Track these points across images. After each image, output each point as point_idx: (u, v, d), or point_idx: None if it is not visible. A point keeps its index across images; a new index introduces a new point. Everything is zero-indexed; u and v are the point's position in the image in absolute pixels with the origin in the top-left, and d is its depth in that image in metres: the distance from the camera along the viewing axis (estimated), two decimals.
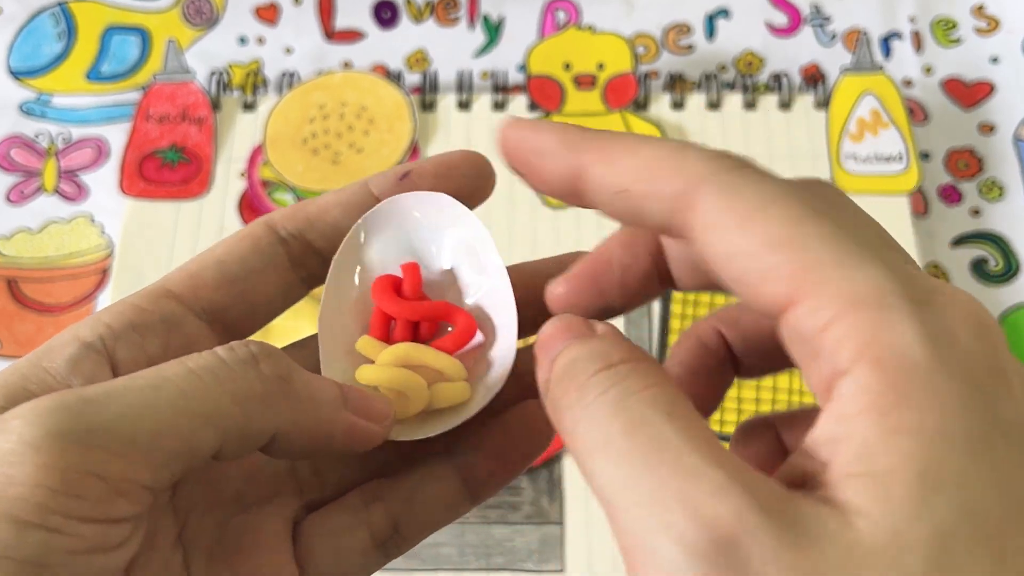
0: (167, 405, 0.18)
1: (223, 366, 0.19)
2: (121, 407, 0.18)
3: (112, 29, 0.58)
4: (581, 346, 0.18)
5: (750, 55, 0.57)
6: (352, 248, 0.24)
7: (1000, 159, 0.54)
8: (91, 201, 0.52)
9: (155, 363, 0.20)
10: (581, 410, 0.17)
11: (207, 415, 0.19)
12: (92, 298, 0.50)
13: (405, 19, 0.59)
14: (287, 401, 0.20)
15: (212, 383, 0.19)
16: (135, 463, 0.18)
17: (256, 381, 0.19)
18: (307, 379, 0.21)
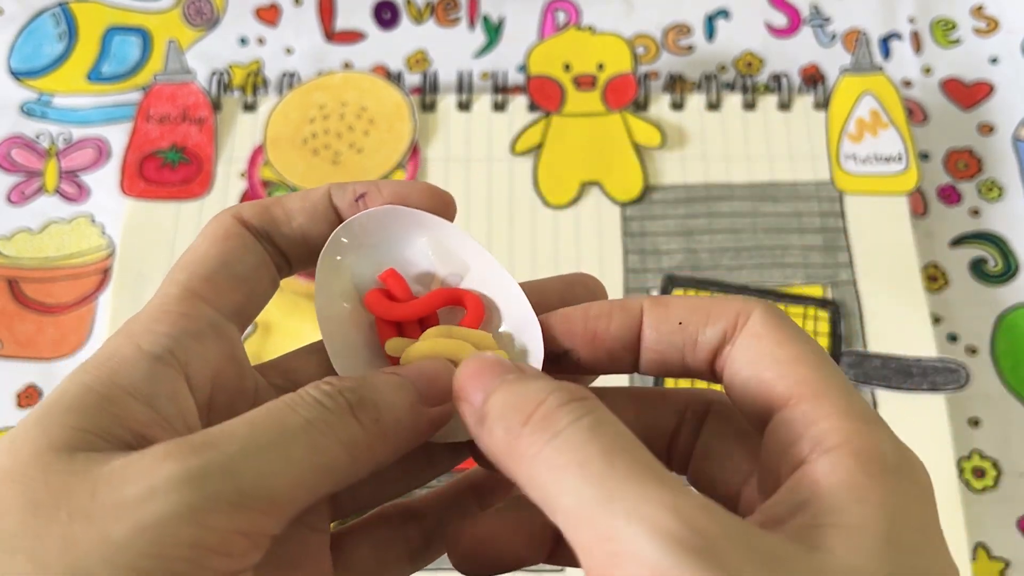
0: (298, 462, 0.19)
1: (332, 417, 0.20)
2: (261, 466, 0.19)
3: (113, 30, 0.58)
4: (536, 380, 0.20)
5: (750, 56, 0.58)
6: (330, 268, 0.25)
7: (999, 159, 0.54)
8: (92, 201, 0.52)
9: (217, 372, 0.21)
10: (550, 435, 0.19)
11: (328, 468, 0.20)
12: (93, 298, 0.50)
13: (405, 20, 0.59)
14: (384, 442, 0.21)
15: (329, 436, 0.20)
16: (274, 518, 0.19)
17: (359, 430, 0.20)
18: (390, 403, 0.21)
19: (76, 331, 0.49)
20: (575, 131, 0.52)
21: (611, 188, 0.51)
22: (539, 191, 0.51)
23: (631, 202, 0.51)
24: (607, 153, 0.52)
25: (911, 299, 0.48)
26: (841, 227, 0.50)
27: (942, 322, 0.49)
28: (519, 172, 0.52)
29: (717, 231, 0.50)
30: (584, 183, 0.51)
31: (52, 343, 0.49)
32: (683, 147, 0.53)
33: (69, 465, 0.18)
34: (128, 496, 0.17)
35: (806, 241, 0.50)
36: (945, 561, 0.19)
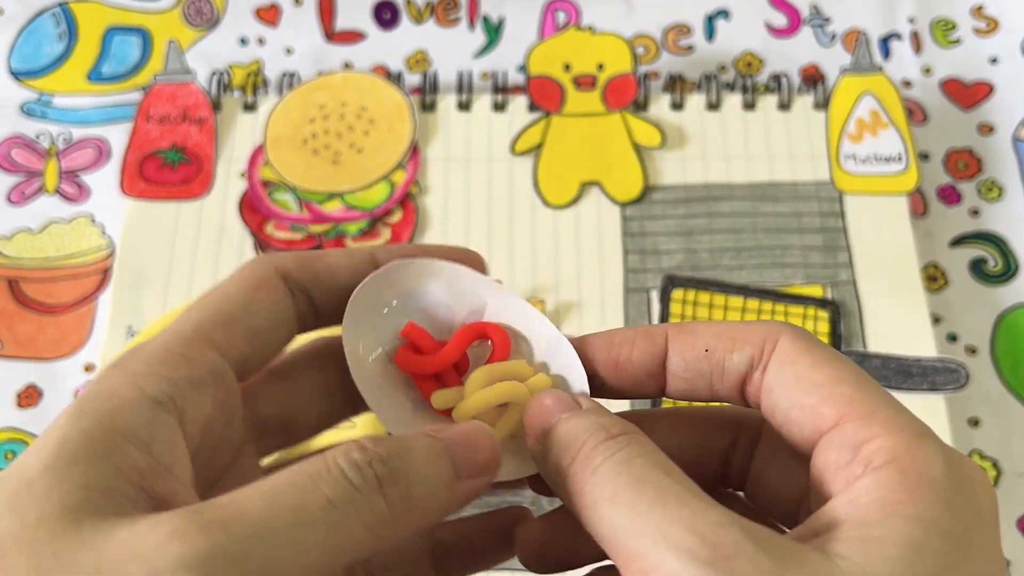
0: (313, 547, 0.18)
1: (357, 496, 0.19)
2: (272, 552, 0.18)
3: (113, 30, 0.58)
4: (580, 419, 0.22)
5: (750, 56, 0.58)
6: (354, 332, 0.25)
7: (999, 160, 0.54)
8: (92, 201, 0.52)
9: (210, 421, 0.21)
10: (590, 472, 0.21)
11: (346, 549, 0.19)
12: (93, 298, 0.50)
13: (405, 20, 0.59)
14: (410, 519, 0.20)
15: (352, 517, 0.19)
16: None
17: (384, 508, 0.20)
18: (424, 476, 0.21)
19: (76, 331, 0.49)
20: (575, 131, 0.53)
21: (611, 188, 0.51)
22: (539, 191, 0.51)
23: (631, 202, 0.51)
24: (607, 153, 0.52)
25: (911, 299, 0.48)
26: (841, 227, 0.50)
27: (942, 322, 0.49)
28: (519, 172, 0.52)
29: (717, 231, 0.50)
30: (584, 183, 0.51)
31: (52, 343, 0.49)
32: (683, 147, 0.53)
33: (76, 534, 0.18)
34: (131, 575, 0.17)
35: (806, 241, 0.50)
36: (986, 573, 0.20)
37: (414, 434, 0.21)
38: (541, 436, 0.23)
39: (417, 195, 0.51)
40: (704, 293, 0.49)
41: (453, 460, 0.21)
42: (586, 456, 0.21)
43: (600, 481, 0.20)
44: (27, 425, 0.47)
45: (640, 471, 0.20)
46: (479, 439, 0.22)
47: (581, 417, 0.22)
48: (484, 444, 0.22)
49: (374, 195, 0.51)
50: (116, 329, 0.47)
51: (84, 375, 0.48)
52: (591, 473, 0.21)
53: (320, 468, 0.19)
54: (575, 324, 0.47)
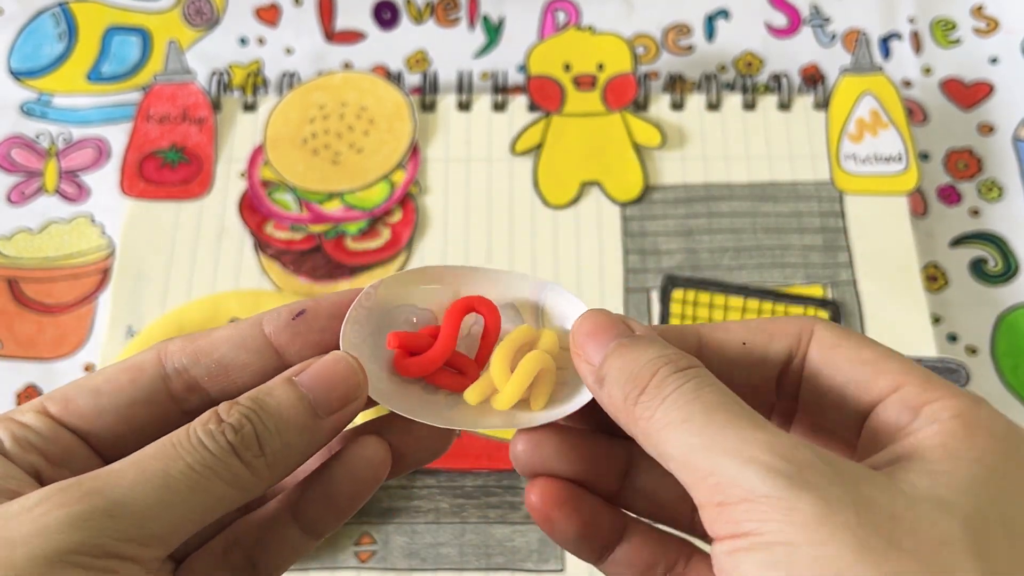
0: (179, 505, 0.22)
1: (214, 460, 0.22)
2: (142, 511, 0.21)
3: (113, 30, 0.58)
4: (643, 350, 0.23)
5: (750, 56, 0.58)
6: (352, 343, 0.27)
7: (999, 159, 0.54)
8: (92, 201, 0.52)
9: (37, 473, 0.23)
10: (659, 400, 0.22)
11: (212, 504, 0.22)
12: (93, 298, 0.50)
13: (405, 20, 0.59)
14: (272, 469, 0.23)
15: (212, 478, 0.22)
16: (158, 549, 0.21)
17: (241, 467, 0.23)
18: (276, 431, 0.23)
19: (76, 331, 0.49)
20: (575, 131, 0.52)
21: (611, 188, 0.51)
22: (539, 191, 0.51)
23: (631, 202, 0.51)
24: (607, 153, 0.52)
25: (911, 299, 0.48)
26: (841, 227, 0.50)
27: (942, 322, 0.49)
28: (519, 172, 0.52)
29: (717, 231, 0.50)
30: (584, 183, 0.51)
31: (52, 343, 0.49)
32: (683, 147, 0.53)
33: None
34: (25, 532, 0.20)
35: (806, 241, 0.50)
36: None
37: (270, 386, 0.24)
38: (599, 359, 0.24)
39: (417, 195, 0.51)
40: (704, 293, 0.49)
41: (311, 403, 0.24)
42: (656, 386, 0.23)
43: (671, 408, 0.22)
44: None
45: (710, 398, 0.22)
46: (335, 376, 0.24)
47: (644, 348, 0.24)
48: (340, 379, 0.24)
49: (374, 195, 0.51)
50: (116, 329, 0.47)
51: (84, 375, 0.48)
52: (661, 401, 0.22)
53: (182, 438, 0.22)
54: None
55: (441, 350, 0.27)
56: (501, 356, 0.27)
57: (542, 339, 0.27)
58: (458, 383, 0.28)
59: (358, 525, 0.44)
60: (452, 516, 0.44)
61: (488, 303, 0.28)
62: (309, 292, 0.48)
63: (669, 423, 0.22)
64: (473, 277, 0.28)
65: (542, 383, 0.27)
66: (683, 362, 0.23)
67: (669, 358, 0.23)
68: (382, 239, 0.50)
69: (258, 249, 0.50)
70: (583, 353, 0.24)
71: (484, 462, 0.45)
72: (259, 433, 0.23)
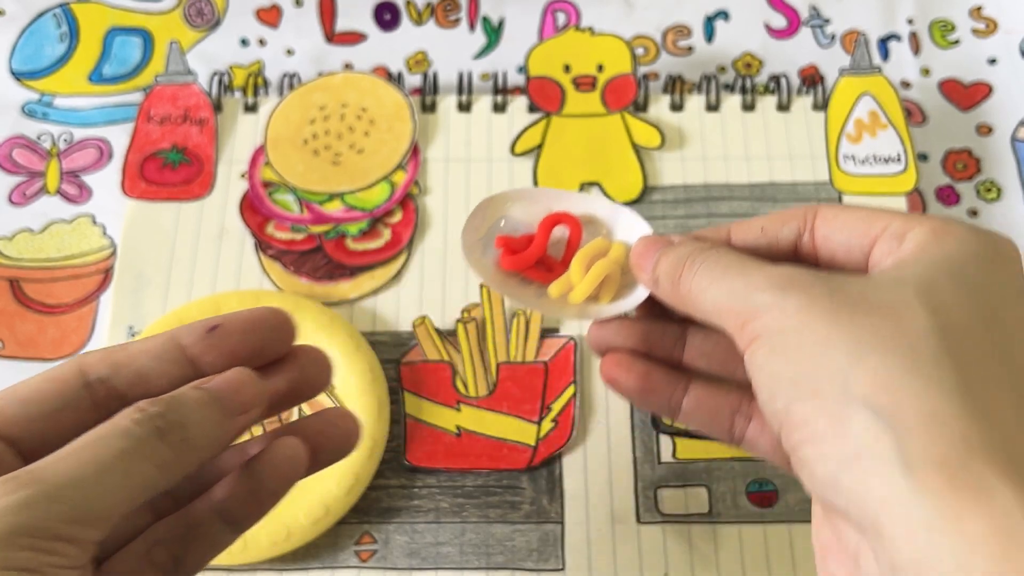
0: (113, 488, 0.24)
1: (142, 445, 0.25)
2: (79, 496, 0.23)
3: (114, 31, 0.58)
4: (679, 248, 0.31)
5: (749, 57, 0.58)
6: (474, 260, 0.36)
7: (998, 160, 0.54)
8: (93, 202, 0.52)
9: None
10: (692, 274, 0.30)
11: (142, 485, 0.24)
12: (94, 298, 0.50)
13: (405, 21, 0.59)
14: (192, 456, 0.26)
15: (141, 461, 0.24)
16: (95, 530, 0.23)
17: (168, 451, 0.25)
18: (197, 421, 0.26)
19: (77, 331, 0.49)
20: (575, 132, 0.53)
21: (611, 188, 0.51)
22: None
23: (631, 202, 0.51)
24: (607, 154, 0.52)
25: None
26: None
27: None
28: (519, 173, 0.52)
29: None
30: (584, 184, 0.51)
31: (53, 343, 0.49)
32: (682, 148, 0.53)
33: None
34: None
35: None
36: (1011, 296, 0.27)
37: (186, 388, 0.26)
38: (651, 267, 0.32)
39: (417, 195, 0.51)
40: None
41: (221, 404, 0.26)
42: (689, 267, 0.30)
43: (702, 276, 0.30)
44: None
45: (728, 260, 0.29)
46: (241, 384, 0.27)
47: (679, 247, 0.31)
48: (244, 387, 0.27)
49: (374, 195, 0.51)
50: (117, 329, 0.48)
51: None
52: (693, 274, 0.30)
53: (111, 428, 0.25)
54: (575, 324, 0.48)
55: (534, 251, 0.36)
56: (579, 261, 0.35)
57: (612, 250, 0.36)
58: (546, 278, 0.36)
59: (359, 525, 0.44)
60: (452, 515, 0.44)
61: (573, 218, 0.37)
62: (310, 292, 0.49)
63: (702, 287, 0.29)
64: (563, 197, 0.38)
65: (609, 284, 0.35)
66: (707, 246, 0.31)
67: (698, 247, 0.31)
68: (383, 239, 0.50)
69: (259, 249, 0.50)
70: (640, 264, 0.33)
71: (484, 462, 0.45)
72: (180, 420, 0.25)
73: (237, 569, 0.43)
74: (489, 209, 0.38)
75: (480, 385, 0.46)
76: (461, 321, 0.46)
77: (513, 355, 0.46)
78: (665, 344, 0.35)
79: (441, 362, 0.46)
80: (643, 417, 0.46)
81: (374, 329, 0.48)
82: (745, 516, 0.44)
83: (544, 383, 0.46)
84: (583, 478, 0.45)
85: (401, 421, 0.46)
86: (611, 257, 0.35)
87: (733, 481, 0.45)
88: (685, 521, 0.44)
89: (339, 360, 0.45)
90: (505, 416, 0.45)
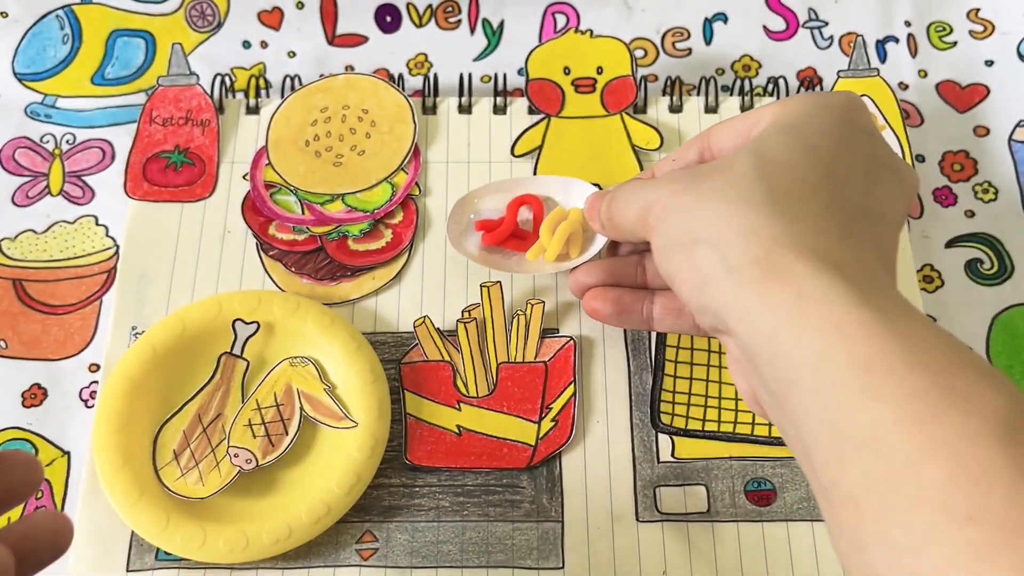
0: None
1: None
2: None
3: (117, 33, 0.58)
4: (608, 195, 0.41)
5: (747, 59, 0.58)
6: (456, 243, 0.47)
7: (994, 161, 0.54)
8: (96, 203, 0.53)
9: None
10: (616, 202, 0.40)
11: None
12: (97, 299, 0.50)
13: (406, 23, 0.59)
14: None
15: None
16: None
17: None
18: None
19: (80, 331, 0.50)
20: (574, 133, 0.53)
21: None
22: None
23: None
24: (606, 155, 0.52)
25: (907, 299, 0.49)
26: None
27: (938, 322, 0.50)
28: (519, 174, 0.52)
29: None
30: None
31: (57, 343, 0.49)
32: None
33: None
34: None
35: None
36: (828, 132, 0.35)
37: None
38: (598, 217, 0.42)
39: (418, 196, 0.52)
40: None
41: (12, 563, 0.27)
42: (611, 199, 0.41)
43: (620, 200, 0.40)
44: (32, 424, 0.47)
45: (637, 184, 0.39)
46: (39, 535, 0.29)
47: (607, 191, 0.42)
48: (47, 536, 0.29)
49: (376, 197, 0.51)
50: (120, 329, 0.48)
51: (89, 375, 0.48)
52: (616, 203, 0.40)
53: None
54: (574, 324, 0.48)
55: (508, 226, 0.47)
56: (545, 228, 0.46)
57: (571, 213, 0.46)
58: (523, 247, 0.47)
59: (360, 523, 0.44)
60: (453, 514, 0.44)
61: (534, 198, 0.48)
62: (311, 292, 0.49)
63: (622, 211, 0.39)
64: (522, 183, 0.49)
65: (574, 241, 0.46)
66: (625, 183, 0.41)
67: (617, 185, 0.41)
68: (384, 240, 0.50)
69: (261, 250, 0.50)
70: (590, 216, 0.43)
71: (485, 461, 0.45)
72: None
73: (239, 567, 0.43)
74: (464, 206, 0.48)
75: (480, 385, 0.46)
76: (461, 321, 0.47)
77: (513, 355, 0.47)
78: (628, 273, 0.44)
79: (442, 362, 0.47)
80: (642, 416, 0.46)
81: (375, 329, 0.48)
82: (743, 515, 0.44)
83: (544, 383, 0.46)
84: (582, 477, 0.45)
85: (402, 420, 0.46)
86: (571, 219, 0.45)
87: (731, 480, 0.45)
88: (684, 520, 0.44)
89: (340, 360, 0.46)
90: (505, 416, 0.46)
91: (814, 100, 0.36)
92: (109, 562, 0.43)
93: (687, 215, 0.34)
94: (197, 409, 0.45)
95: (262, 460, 0.44)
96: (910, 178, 0.36)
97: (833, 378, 0.27)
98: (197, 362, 0.46)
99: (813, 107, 0.36)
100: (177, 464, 0.44)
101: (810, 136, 0.34)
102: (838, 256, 0.30)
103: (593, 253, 0.46)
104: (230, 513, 0.43)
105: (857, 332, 0.27)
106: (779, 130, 0.35)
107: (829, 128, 0.35)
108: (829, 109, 0.36)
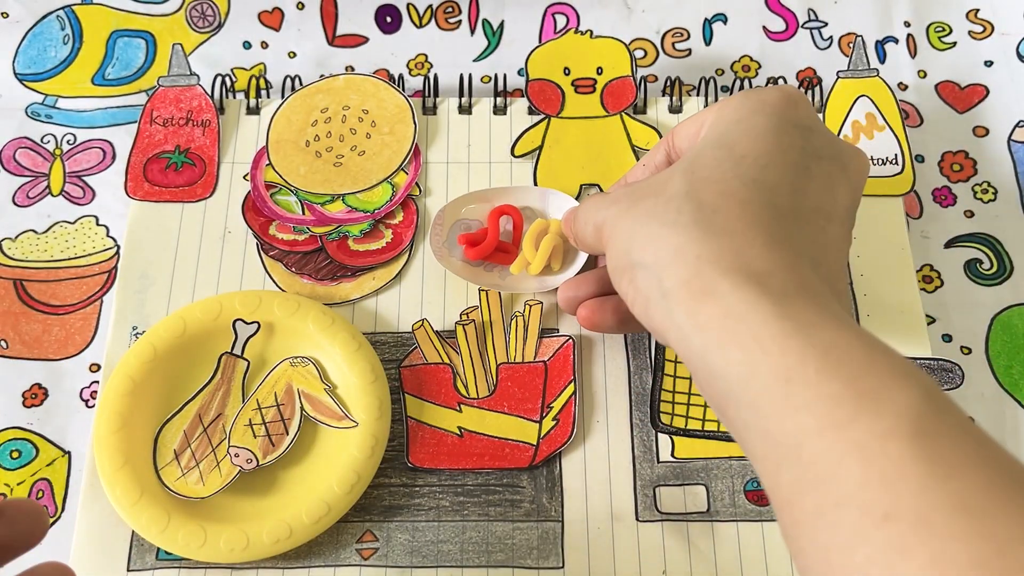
0: None
1: None
2: None
3: (118, 33, 0.58)
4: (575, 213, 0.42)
5: (747, 59, 0.58)
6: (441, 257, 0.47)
7: (994, 162, 0.55)
8: (97, 203, 0.53)
9: None
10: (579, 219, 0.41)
11: None
12: (97, 299, 0.50)
13: (407, 24, 0.59)
14: None
15: None
16: None
17: None
18: None
19: (81, 331, 0.50)
20: (574, 134, 0.53)
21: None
22: None
23: None
24: (606, 155, 0.53)
25: (906, 300, 0.49)
26: None
27: (937, 322, 0.50)
28: (519, 174, 0.52)
29: None
30: (583, 185, 0.52)
31: (58, 343, 0.49)
32: None
33: None
34: None
35: None
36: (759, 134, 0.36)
37: None
38: (571, 229, 0.43)
39: (418, 197, 0.52)
40: None
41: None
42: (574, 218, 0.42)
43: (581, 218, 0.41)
44: (32, 424, 0.47)
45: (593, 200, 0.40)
46: None
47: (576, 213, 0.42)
48: None
49: (376, 197, 0.51)
50: (121, 329, 0.48)
51: (89, 375, 0.49)
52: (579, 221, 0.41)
53: None
54: (573, 324, 0.48)
55: (490, 240, 0.46)
56: (527, 241, 0.46)
57: (551, 225, 0.46)
58: (506, 260, 0.47)
59: (360, 523, 0.44)
60: (453, 514, 0.44)
61: (514, 208, 0.48)
62: (312, 292, 0.49)
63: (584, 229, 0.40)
64: (501, 193, 0.48)
65: (557, 254, 0.46)
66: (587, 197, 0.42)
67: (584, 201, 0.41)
68: (384, 240, 0.50)
69: (261, 250, 0.50)
70: (567, 231, 0.44)
71: (487, 461, 0.45)
72: None
73: (240, 567, 0.43)
74: (445, 217, 0.48)
75: (481, 386, 0.46)
76: (460, 323, 0.47)
77: (513, 355, 0.47)
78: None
79: (441, 364, 0.47)
80: (642, 416, 0.46)
81: (375, 329, 0.48)
82: (743, 514, 0.44)
83: (544, 382, 0.46)
84: (582, 476, 0.45)
85: (403, 422, 0.46)
86: (552, 231, 0.46)
87: (731, 480, 0.45)
88: (684, 519, 0.44)
89: (340, 360, 0.46)
90: (506, 416, 0.46)
91: (747, 103, 0.37)
92: (109, 562, 0.43)
93: (626, 238, 0.35)
94: (198, 409, 0.45)
95: (263, 460, 0.44)
96: (854, 161, 0.37)
97: (759, 391, 0.29)
98: (198, 362, 0.46)
99: (746, 111, 0.36)
100: (178, 464, 0.44)
101: (738, 146, 0.35)
102: (761, 267, 0.31)
103: (579, 267, 0.46)
104: (231, 513, 0.43)
105: (774, 346, 0.29)
106: (710, 143, 0.36)
107: (759, 132, 0.35)
108: (760, 111, 0.36)
